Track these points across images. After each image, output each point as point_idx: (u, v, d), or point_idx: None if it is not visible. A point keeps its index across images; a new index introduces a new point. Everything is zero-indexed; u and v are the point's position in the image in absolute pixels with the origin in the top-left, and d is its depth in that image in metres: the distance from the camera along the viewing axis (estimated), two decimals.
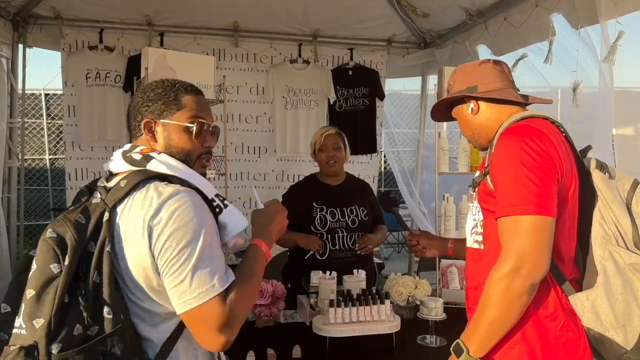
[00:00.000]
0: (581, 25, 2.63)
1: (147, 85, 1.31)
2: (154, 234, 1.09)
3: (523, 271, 1.23)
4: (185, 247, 1.08)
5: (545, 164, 1.27)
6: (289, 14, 4.13)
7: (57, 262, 1.04)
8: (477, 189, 1.46)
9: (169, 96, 1.28)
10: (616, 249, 1.30)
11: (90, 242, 1.08)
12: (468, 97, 1.52)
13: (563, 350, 1.32)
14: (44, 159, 8.09)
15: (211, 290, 1.09)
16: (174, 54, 2.41)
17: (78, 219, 1.10)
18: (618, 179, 1.38)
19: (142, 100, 1.28)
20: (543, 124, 1.36)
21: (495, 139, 1.42)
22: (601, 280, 1.29)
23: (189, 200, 1.12)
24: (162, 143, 1.27)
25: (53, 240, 1.06)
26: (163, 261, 1.09)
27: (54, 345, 0.99)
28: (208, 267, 1.10)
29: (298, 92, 4.38)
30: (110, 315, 1.05)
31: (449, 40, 4.19)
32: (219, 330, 1.11)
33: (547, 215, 1.24)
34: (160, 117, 1.26)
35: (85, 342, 1.02)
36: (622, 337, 1.26)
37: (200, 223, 1.11)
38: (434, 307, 2.16)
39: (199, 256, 1.09)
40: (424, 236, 2.02)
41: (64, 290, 1.02)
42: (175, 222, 1.09)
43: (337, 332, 1.96)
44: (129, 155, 1.22)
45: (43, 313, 1.01)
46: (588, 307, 1.30)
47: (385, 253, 7.22)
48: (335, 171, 2.76)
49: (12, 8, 3.65)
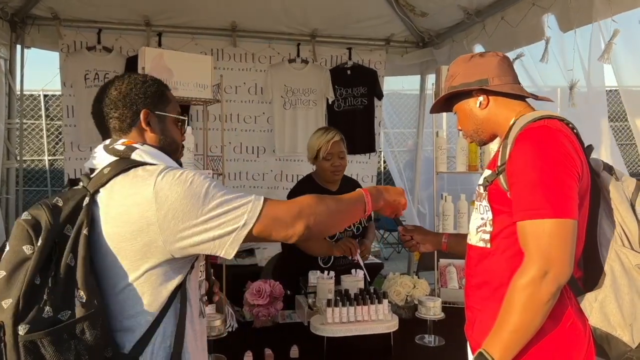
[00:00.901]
0: (574, 25, 2.63)
1: (129, 80, 1.28)
2: (160, 201, 1.10)
3: (550, 275, 1.22)
4: (201, 204, 1.11)
5: (568, 166, 1.26)
6: (287, 13, 4.13)
7: (29, 243, 1.03)
8: (487, 188, 1.44)
9: (160, 90, 1.31)
10: (622, 250, 1.30)
11: (67, 225, 1.07)
12: (478, 91, 1.48)
13: (569, 349, 1.32)
14: (43, 160, 8.09)
15: (257, 201, 1.18)
16: (171, 53, 2.40)
17: (55, 203, 1.09)
18: (623, 180, 1.38)
19: (135, 92, 1.26)
20: (559, 125, 1.35)
21: (510, 137, 1.38)
22: (609, 280, 1.29)
23: (180, 169, 1.16)
24: (157, 134, 1.28)
25: (27, 222, 1.04)
26: (190, 230, 1.11)
27: (21, 326, 0.97)
28: (233, 199, 1.15)
29: (296, 91, 4.38)
30: (83, 299, 1.03)
31: (447, 40, 4.19)
32: (293, 220, 1.19)
33: (570, 218, 1.23)
34: (156, 109, 1.28)
35: (55, 325, 1.00)
36: (628, 336, 1.28)
37: (200, 178, 1.15)
38: (432, 307, 2.16)
39: (220, 199, 1.13)
40: (418, 231, 2.01)
41: (35, 271, 1.00)
42: (180, 182, 1.12)
43: (335, 332, 1.96)
44: (111, 147, 1.21)
45: (12, 293, 0.99)
46: (596, 307, 1.30)
47: (385, 253, 7.22)
48: (337, 180, 2.71)
49: (9, 9, 3.65)
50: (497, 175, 1.39)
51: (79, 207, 1.10)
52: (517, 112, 1.45)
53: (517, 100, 1.48)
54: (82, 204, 1.10)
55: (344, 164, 2.68)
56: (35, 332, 0.97)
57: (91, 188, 1.13)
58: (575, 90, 2.58)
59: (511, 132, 1.40)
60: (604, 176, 1.38)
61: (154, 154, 1.22)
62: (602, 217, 1.35)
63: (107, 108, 1.25)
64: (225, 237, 1.14)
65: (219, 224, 1.13)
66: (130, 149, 1.20)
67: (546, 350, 1.32)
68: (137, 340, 1.13)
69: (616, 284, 1.28)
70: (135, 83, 1.28)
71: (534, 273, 1.23)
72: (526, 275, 1.24)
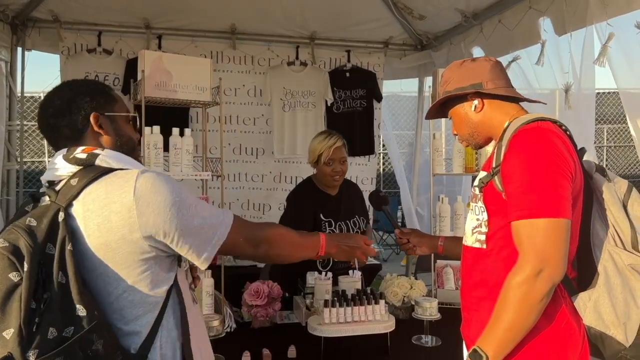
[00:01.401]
0: (569, 29, 2.65)
1: (69, 87, 1.27)
2: (141, 207, 1.10)
3: (544, 274, 1.23)
4: (181, 211, 1.14)
5: (562, 166, 1.28)
6: (286, 16, 4.15)
7: (14, 270, 1.00)
8: (483, 189, 1.46)
9: (104, 91, 1.29)
10: (615, 250, 1.32)
11: (48, 244, 1.05)
12: (473, 94, 1.50)
13: (564, 349, 1.34)
14: (43, 162, 8.13)
15: (229, 220, 1.22)
16: (170, 56, 2.43)
17: (29, 224, 1.06)
18: (615, 182, 1.40)
19: (80, 97, 1.23)
20: (552, 127, 1.38)
21: (504, 139, 1.40)
22: (602, 280, 1.31)
23: (160, 175, 1.17)
24: (112, 135, 1.26)
25: (6, 249, 1.01)
26: (172, 235, 1.14)
27: (30, 352, 0.96)
28: (207, 210, 1.21)
29: (295, 94, 4.40)
30: (84, 312, 1.03)
31: (445, 42, 4.22)
32: (255, 240, 1.29)
33: (564, 218, 1.25)
34: (104, 110, 1.25)
35: (63, 343, 0.99)
36: (622, 335, 1.30)
37: (178, 186, 1.18)
38: (428, 307, 2.17)
39: (198, 208, 1.18)
40: (414, 234, 2.02)
41: (29, 296, 0.99)
42: (160, 191, 1.12)
43: (332, 332, 1.98)
44: (72, 157, 1.17)
45: (11, 323, 0.97)
46: (590, 306, 1.32)
47: (384, 255, 7.23)
48: (337, 185, 2.72)
49: (10, 11, 3.68)
50: (492, 177, 1.40)
51: (55, 223, 1.07)
52: (511, 115, 1.47)
53: (511, 104, 1.50)
54: (57, 219, 1.07)
55: (344, 169, 2.69)
56: (47, 355, 0.97)
57: (62, 202, 1.10)
58: (570, 93, 2.61)
59: (505, 134, 1.42)
60: (596, 178, 1.40)
61: (117, 157, 1.21)
62: (595, 218, 1.37)
63: (54, 118, 1.22)
64: (198, 249, 1.19)
65: (194, 237, 1.17)
66: (92, 156, 1.18)
67: (541, 349, 1.33)
68: (143, 341, 1.15)
69: (609, 283, 1.30)
70: (78, 87, 1.26)
71: (529, 271, 1.24)
72: (520, 273, 1.25)
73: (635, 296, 1.29)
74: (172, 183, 1.16)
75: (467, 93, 1.51)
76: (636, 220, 1.34)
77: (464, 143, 1.65)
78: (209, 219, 1.19)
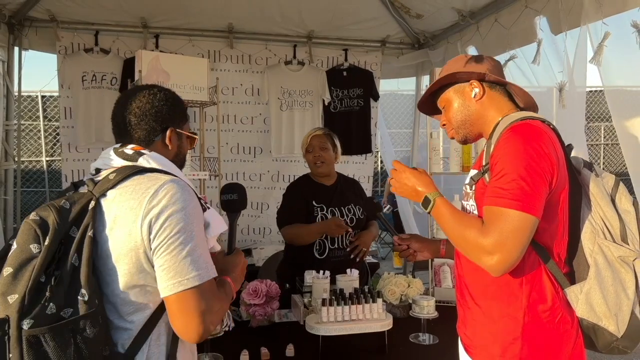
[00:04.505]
0: (564, 28, 2.66)
1: (160, 95, 1.32)
2: (152, 214, 1.12)
3: (495, 258, 1.26)
4: (182, 230, 1.13)
5: (545, 168, 1.29)
6: (283, 15, 4.15)
7: (37, 242, 1.07)
8: (474, 187, 1.47)
9: (184, 108, 1.37)
10: (605, 243, 1.34)
11: (73, 227, 1.10)
12: (475, 80, 1.49)
13: (559, 342, 1.36)
14: (41, 161, 8.11)
15: (205, 274, 1.15)
16: (167, 56, 2.44)
17: (62, 205, 1.12)
18: (603, 177, 1.42)
19: (166, 110, 1.31)
20: (542, 125, 1.39)
21: (494, 136, 1.41)
22: (593, 273, 1.33)
23: (185, 187, 1.19)
24: (175, 150, 1.34)
25: (35, 222, 1.08)
26: (160, 239, 1.12)
27: (25, 321, 1.00)
28: (203, 253, 1.17)
29: (293, 93, 4.41)
30: (85, 298, 1.06)
31: (442, 41, 4.23)
32: (203, 316, 1.13)
33: (535, 216, 1.27)
34: (178, 127, 1.35)
35: (56, 321, 1.03)
36: (614, 326, 1.32)
37: (195, 211, 1.18)
38: (426, 306, 2.19)
39: (197, 241, 1.15)
40: (414, 239, 2.00)
41: (41, 269, 1.04)
42: (174, 205, 1.14)
43: (330, 331, 1.99)
44: (120, 150, 1.25)
45: (17, 289, 1.02)
46: (582, 298, 1.34)
47: (382, 253, 7.25)
48: (322, 172, 2.78)
49: (7, 11, 3.67)
50: (483, 174, 1.42)
51: (84, 210, 1.13)
52: (503, 113, 1.48)
53: (507, 102, 1.51)
54: (87, 207, 1.13)
55: (325, 156, 2.75)
56: (38, 327, 1.01)
57: (97, 192, 1.16)
58: (564, 92, 2.62)
59: (495, 131, 1.44)
60: (584, 173, 1.42)
61: (160, 160, 1.26)
62: (585, 212, 1.39)
63: (135, 117, 1.29)
64: (175, 284, 1.12)
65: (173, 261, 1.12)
66: (137, 154, 1.24)
67: (536, 342, 1.35)
68: (132, 339, 1.16)
69: (600, 276, 1.33)
70: (167, 99, 1.33)
71: (486, 244, 1.27)
72: (482, 239, 1.28)
73: (626, 287, 1.31)
74: (191, 203, 1.17)
75: (473, 76, 1.49)
76: (624, 214, 1.37)
77: (452, 132, 1.59)
78: (197, 260, 1.14)
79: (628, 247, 1.34)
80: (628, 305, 1.31)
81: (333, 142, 2.79)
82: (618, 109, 2.46)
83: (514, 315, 1.37)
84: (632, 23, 2.33)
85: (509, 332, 1.38)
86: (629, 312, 1.31)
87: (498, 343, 1.39)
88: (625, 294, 1.31)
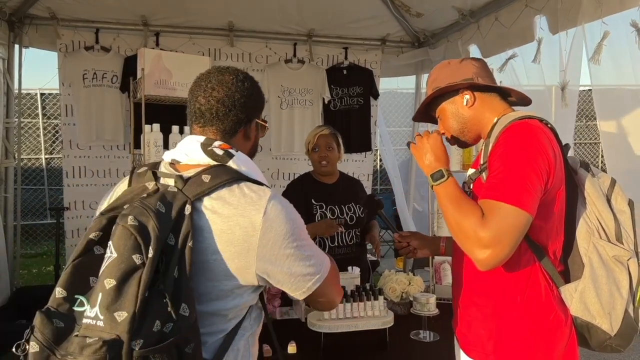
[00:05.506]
0: (562, 28, 2.68)
1: (252, 83, 1.27)
2: (266, 229, 1.10)
3: (488, 252, 1.25)
4: (298, 247, 1.14)
5: (541, 166, 1.30)
6: (283, 13, 4.16)
7: (139, 252, 0.97)
8: (472, 186, 1.48)
9: (263, 96, 1.32)
10: (599, 242, 1.36)
11: (170, 234, 1.02)
12: (466, 89, 1.50)
13: (552, 339, 1.37)
14: (40, 159, 8.10)
15: (324, 270, 1.20)
16: (169, 54, 2.44)
17: (159, 208, 1.03)
18: (599, 177, 1.44)
19: (254, 99, 1.26)
20: (540, 124, 1.40)
21: (492, 136, 1.42)
22: (587, 272, 1.35)
23: (287, 203, 1.17)
24: (253, 141, 1.30)
25: (135, 229, 0.98)
26: (281, 253, 1.12)
27: (135, 342, 0.93)
28: (315, 253, 1.19)
29: (293, 91, 4.41)
30: (186, 313, 0.99)
31: (442, 40, 4.24)
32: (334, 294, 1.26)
33: (530, 214, 1.28)
34: (259, 118, 1.30)
35: (161, 339, 0.96)
36: (607, 324, 1.34)
37: (300, 222, 1.17)
38: (426, 303, 2.20)
39: (310, 250, 1.17)
40: (414, 237, 2.01)
41: (147, 284, 0.96)
42: (284, 221, 1.12)
43: (332, 328, 2.00)
44: (210, 149, 1.16)
45: (125, 306, 0.94)
46: (576, 297, 1.36)
47: (382, 251, 7.25)
48: (327, 171, 2.80)
49: (7, 9, 3.67)
50: (480, 173, 1.43)
51: (181, 215, 1.05)
52: (499, 113, 1.49)
53: (500, 102, 1.52)
54: (183, 212, 1.05)
55: (331, 156, 2.76)
56: (149, 348, 0.95)
57: (190, 194, 1.08)
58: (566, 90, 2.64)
59: (493, 130, 1.44)
60: (581, 173, 1.44)
61: (247, 163, 1.20)
62: (580, 212, 1.40)
63: (224, 107, 1.21)
64: (302, 283, 1.17)
65: (301, 272, 1.16)
66: (228, 155, 1.16)
67: (530, 339, 1.37)
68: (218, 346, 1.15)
69: (595, 275, 1.34)
70: (253, 88, 1.26)
71: (483, 237, 1.26)
72: (480, 231, 1.27)
73: (620, 287, 1.33)
74: (296, 217, 1.17)
75: (461, 86, 1.51)
76: (619, 214, 1.38)
77: (452, 141, 1.62)
78: (314, 262, 1.18)
79: (622, 246, 1.35)
80: (622, 304, 1.33)
81: (338, 141, 2.81)
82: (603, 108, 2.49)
83: (508, 312, 1.39)
84: (631, 22, 2.35)
85: (503, 328, 1.39)
86: (623, 311, 1.33)
87: (492, 339, 1.41)
88: (619, 293, 1.33)
